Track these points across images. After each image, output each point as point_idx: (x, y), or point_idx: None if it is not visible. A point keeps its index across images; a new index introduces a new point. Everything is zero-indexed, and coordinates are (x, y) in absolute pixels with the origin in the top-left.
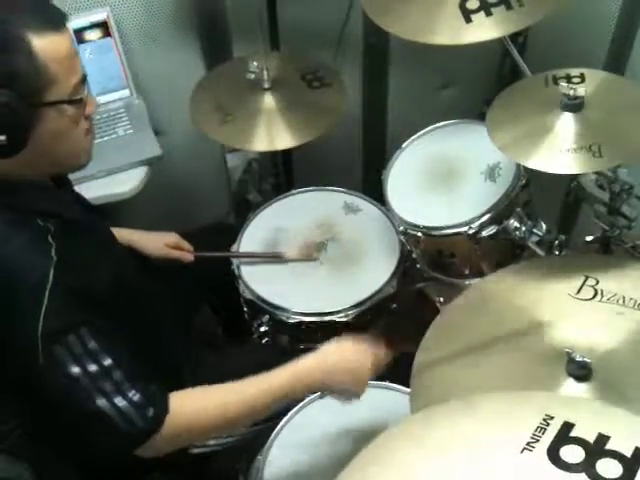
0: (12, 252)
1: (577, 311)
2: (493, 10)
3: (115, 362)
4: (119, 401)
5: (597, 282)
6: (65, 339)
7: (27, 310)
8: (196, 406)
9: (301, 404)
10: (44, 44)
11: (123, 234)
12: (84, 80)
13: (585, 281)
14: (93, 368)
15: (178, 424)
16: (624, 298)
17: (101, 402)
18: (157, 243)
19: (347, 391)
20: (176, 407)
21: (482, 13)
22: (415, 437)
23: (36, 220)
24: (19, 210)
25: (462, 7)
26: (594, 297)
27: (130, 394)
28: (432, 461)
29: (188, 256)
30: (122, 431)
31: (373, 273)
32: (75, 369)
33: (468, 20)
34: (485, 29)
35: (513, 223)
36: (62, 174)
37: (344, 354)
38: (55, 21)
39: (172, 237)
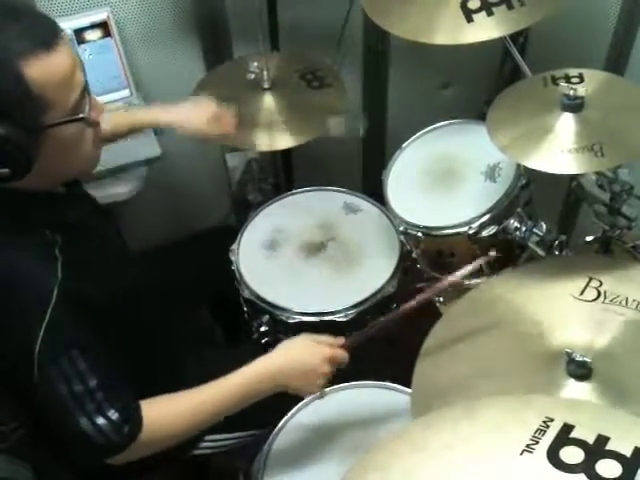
0: (19, 265)
1: (580, 312)
2: (494, 10)
3: (99, 383)
4: (99, 420)
5: (600, 284)
6: (59, 360)
7: (28, 325)
8: (163, 419)
9: (301, 404)
10: (36, 70)
11: (147, 117)
12: (84, 91)
13: (589, 282)
14: (79, 389)
15: (147, 437)
16: (627, 300)
17: (82, 420)
18: (198, 117)
19: (299, 390)
20: (147, 421)
21: (483, 13)
22: (415, 442)
23: (45, 232)
24: (28, 221)
25: (463, 7)
26: (597, 298)
27: (109, 413)
28: (432, 465)
29: (230, 127)
30: (98, 445)
31: (373, 273)
32: (62, 388)
33: (469, 20)
34: (486, 29)
35: (513, 223)
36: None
37: (293, 355)
38: (46, 42)
39: (210, 107)
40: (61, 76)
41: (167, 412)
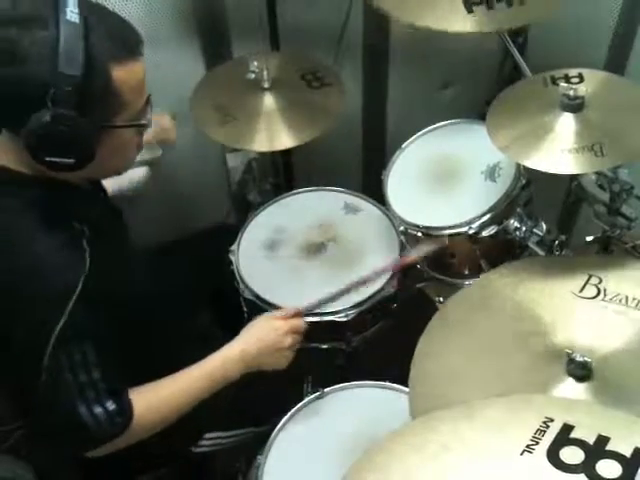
0: (48, 252)
1: (579, 310)
2: (495, 5)
3: (102, 375)
4: (96, 409)
5: (600, 281)
6: (72, 349)
7: (49, 313)
8: (150, 408)
9: (301, 404)
10: (122, 73)
11: None
12: (148, 100)
13: (588, 280)
14: (83, 379)
15: (135, 426)
16: (627, 298)
17: (82, 409)
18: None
19: (270, 365)
20: (136, 411)
21: (484, 6)
22: (415, 442)
23: (73, 222)
24: (59, 212)
25: None
26: (597, 296)
27: (107, 404)
28: (432, 465)
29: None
30: (92, 433)
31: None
32: (69, 377)
33: (469, 10)
34: (485, 21)
35: (513, 223)
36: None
37: (254, 336)
38: (134, 49)
39: (164, 119)
40: (138, 82)
41: (153, 402)
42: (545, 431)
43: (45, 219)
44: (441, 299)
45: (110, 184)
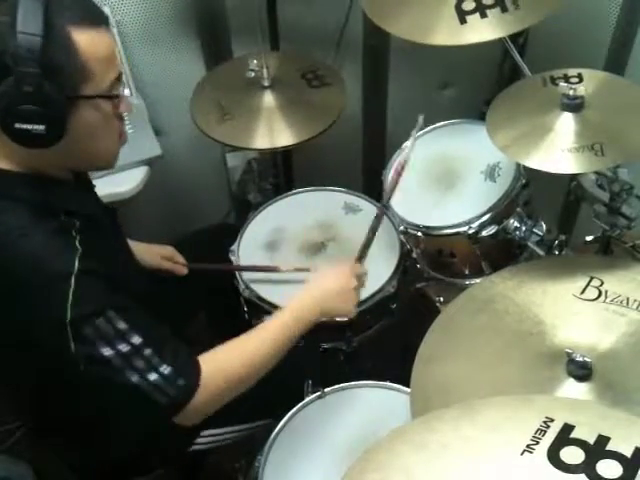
0: (38, 242)
1: (580, 311)
2: (488, 12)
3: (144, 339)
4: (151, 376)
5: (602, 283)
6: (94, 323)
7: (53, 298)
8: (222, 367)
9: (301, 404)
10: (85, 40)
11: None
12: (120, 77)
13: (590, 282)
14: (124, 348)
15: (209, 389)
16: (628, 299)
17: (135, 378)
18: (151, 253)
19: (341, 309)
20: (206, 373)
21: (477, 15)
22: (415, 442)
23: (60, 216)
24: (46, 206)
25: (458, 8)
26: (598, 298)
27: (161, 368)
28: (432, 465)
29: (181, 269)
30: (157, 403)
31: (373, 273)
32: (107, 351)
33: (463, 21)
34: (480, 31)
35: (513, 223)
36: (84, 172)
37: (328, 282)
38: (96, 19)
39: (167, 250)
40: (105, 52)
41: (225, 362)
42: (545, 431)
43: (33, 213)
44: (441, 299)
45: (109, 185)
